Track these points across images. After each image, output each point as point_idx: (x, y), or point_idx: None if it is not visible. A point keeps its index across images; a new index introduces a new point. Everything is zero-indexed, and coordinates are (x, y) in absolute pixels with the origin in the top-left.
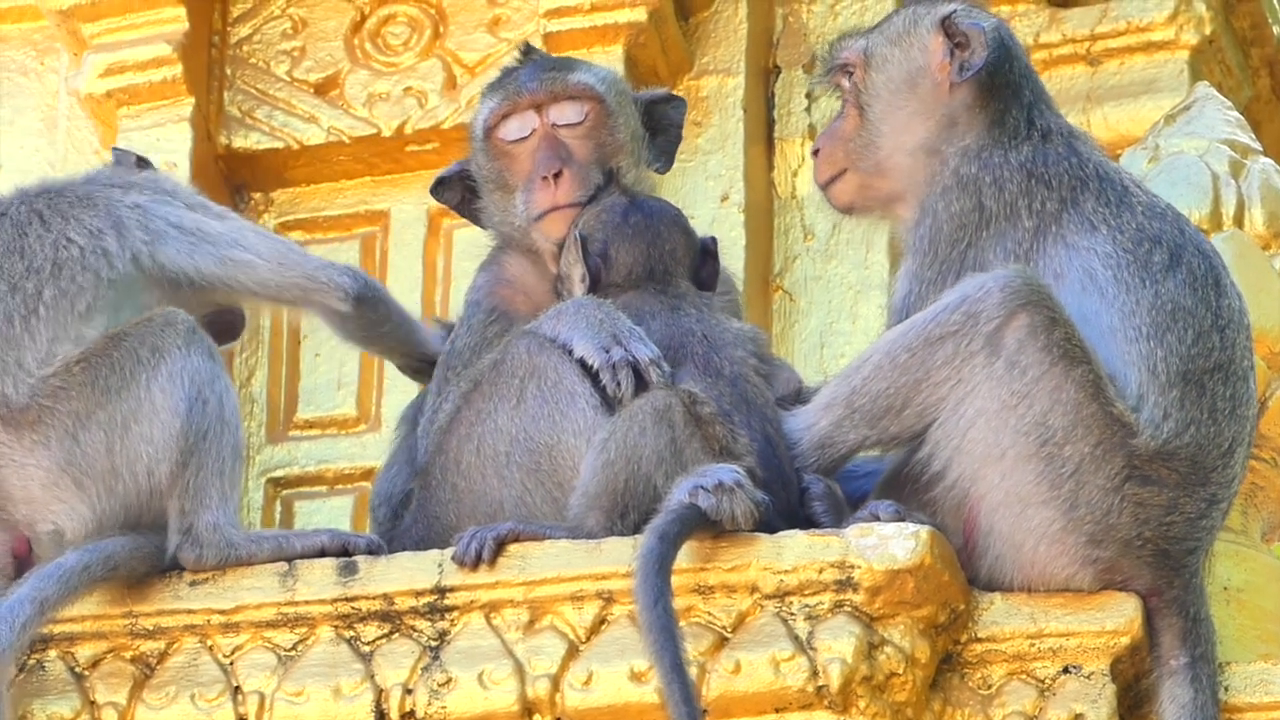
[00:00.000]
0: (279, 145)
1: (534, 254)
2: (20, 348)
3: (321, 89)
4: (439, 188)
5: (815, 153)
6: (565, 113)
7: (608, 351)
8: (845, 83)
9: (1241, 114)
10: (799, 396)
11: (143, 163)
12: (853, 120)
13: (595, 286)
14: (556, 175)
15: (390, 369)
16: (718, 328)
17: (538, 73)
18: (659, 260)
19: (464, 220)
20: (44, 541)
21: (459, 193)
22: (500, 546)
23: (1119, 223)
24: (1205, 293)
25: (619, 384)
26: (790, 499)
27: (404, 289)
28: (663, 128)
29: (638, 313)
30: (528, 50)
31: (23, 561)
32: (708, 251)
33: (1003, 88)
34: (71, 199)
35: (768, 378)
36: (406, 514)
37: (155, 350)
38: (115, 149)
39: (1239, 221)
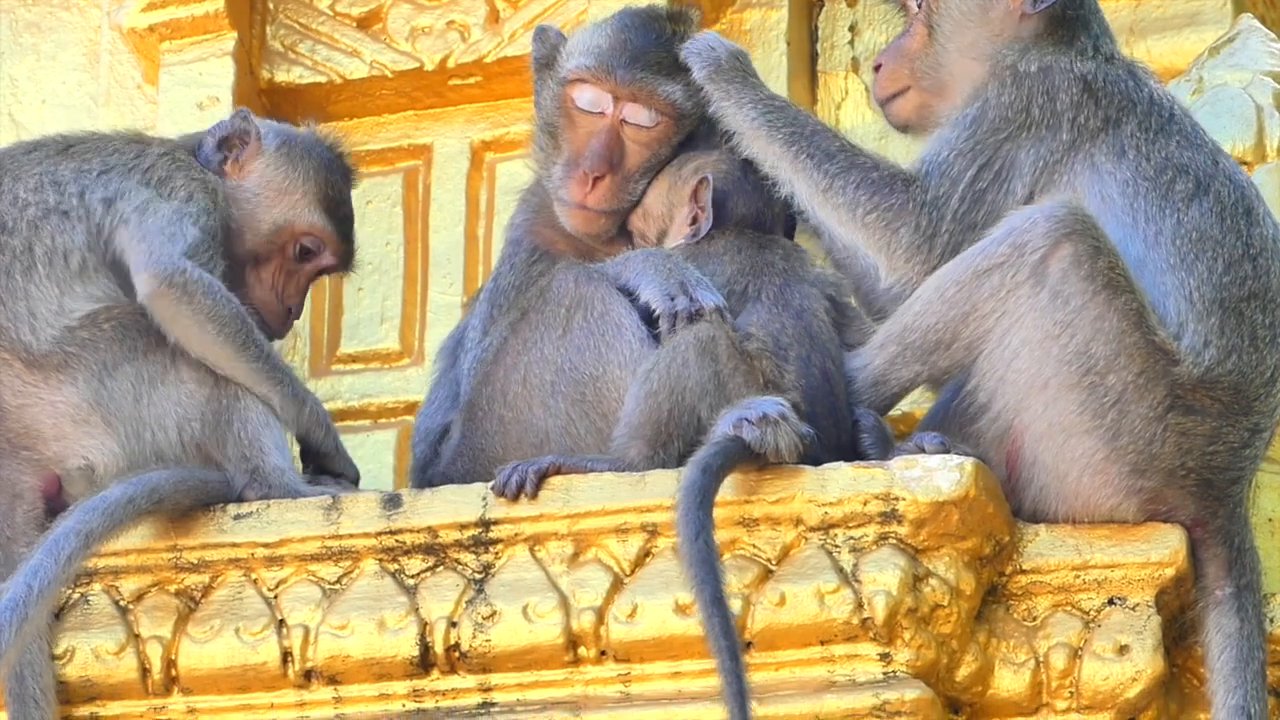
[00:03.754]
0: (321, 80)
1: None
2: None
3: (364, 23)
4: (541, 33)
5: (877, 68)
6: (638, 114)
7: (673, 299)
8: (913, 3)
9: None
10: None
11: None
12: (919, 38)
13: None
14: (598, 178)
15: (434, 303)
16: (800, 268)
17: (636, 64)
18: (768, 217)
19: (507, 154)
20: (75, 478)
21: (546, 54)
22: (541, 480)
23: (1149, 150)
24: (1235, 221)
25: (677, 331)
26: (843, 437)
27: (447, 223)
28: None
29: (732, 245)
30: (681, 19)
31: (53, 502)
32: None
33: (1073, 22)
34: None
35: (840, 327)
36: (444, 448)
37: None
38: None
39: None
